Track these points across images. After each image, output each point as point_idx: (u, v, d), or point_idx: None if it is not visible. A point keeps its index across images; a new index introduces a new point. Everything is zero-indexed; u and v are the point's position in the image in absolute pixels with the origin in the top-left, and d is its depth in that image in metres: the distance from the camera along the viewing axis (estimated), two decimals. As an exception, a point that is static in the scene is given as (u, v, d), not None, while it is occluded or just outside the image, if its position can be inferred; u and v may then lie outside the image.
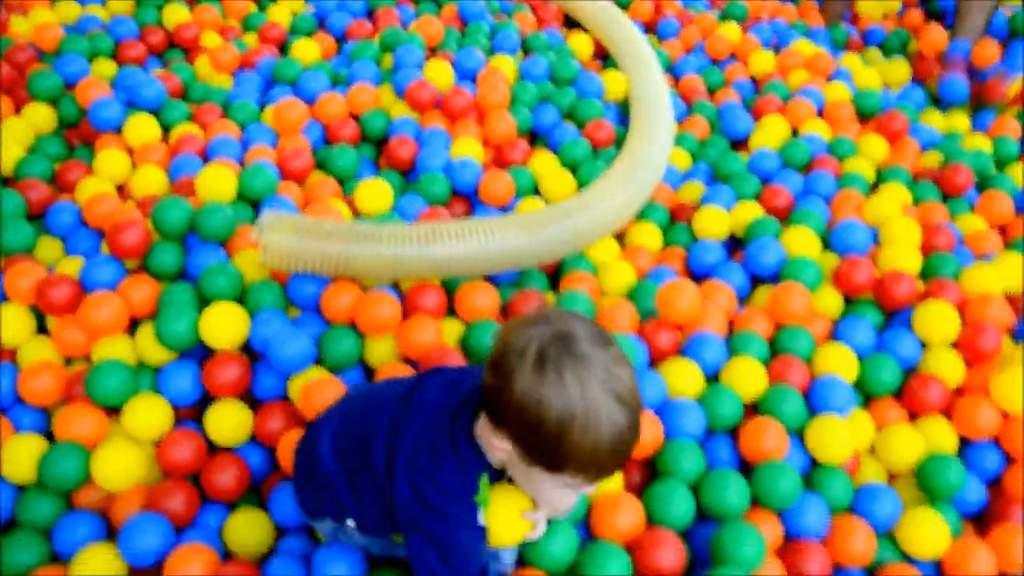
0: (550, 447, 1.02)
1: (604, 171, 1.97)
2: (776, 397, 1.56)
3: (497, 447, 1.10)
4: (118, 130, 2.05)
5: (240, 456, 1.51)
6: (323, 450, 1.26)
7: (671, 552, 1.34)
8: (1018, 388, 1.56)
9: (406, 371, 1.55)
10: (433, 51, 2.43)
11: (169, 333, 1.55)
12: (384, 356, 1.62)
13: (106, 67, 2.26)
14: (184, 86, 2.23)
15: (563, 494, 1.13)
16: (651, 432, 1.49)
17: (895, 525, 1.48)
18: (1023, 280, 1.80)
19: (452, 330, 1.66)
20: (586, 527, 1.41)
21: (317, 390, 1.49)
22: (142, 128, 2.02)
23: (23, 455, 1.45)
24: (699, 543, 1.43)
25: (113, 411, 1.53)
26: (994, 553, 1.43)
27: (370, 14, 2.63)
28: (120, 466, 1.43)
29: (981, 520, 1.56)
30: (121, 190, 1.95)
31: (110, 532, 1.45)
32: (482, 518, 1.17)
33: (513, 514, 1.22)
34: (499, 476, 1.21)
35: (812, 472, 1.53)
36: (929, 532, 1.45)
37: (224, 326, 1.56)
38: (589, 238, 1.81)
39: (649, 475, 1.53)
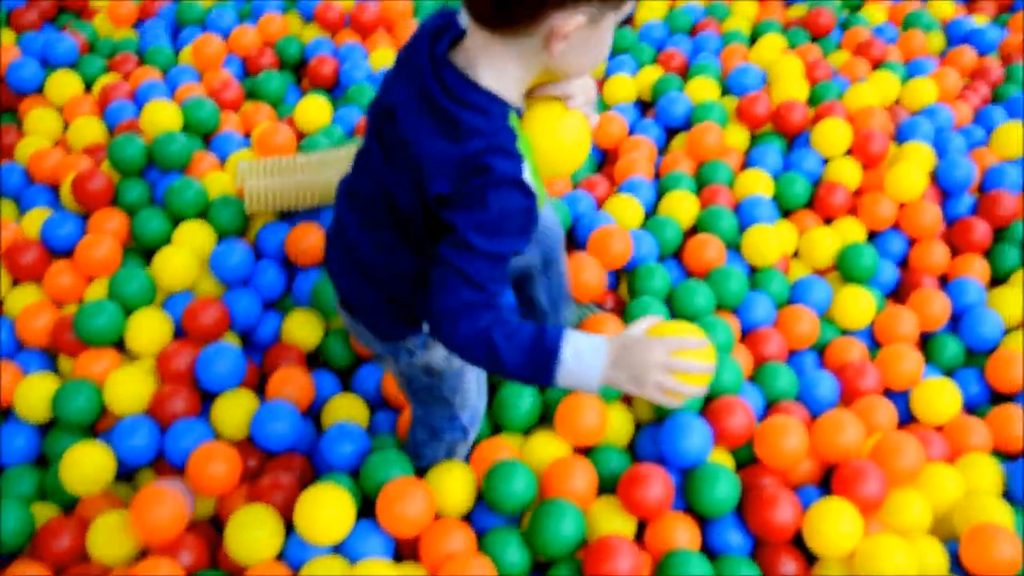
0: None
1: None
2: (711, 217, 1.77)
3: (558, 37, 0.94)
4: (39, 90, 2.07)
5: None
6: (365, 251, 1.14)
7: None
8: (909, 179, 1.81)
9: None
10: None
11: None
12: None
13: (6, 35, 2.25)
14: (90, 44, 2.24)
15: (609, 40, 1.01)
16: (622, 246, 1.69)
17: (829, 308, 1.71)
18: (897, 93, 2.07)
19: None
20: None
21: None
22: (65, 84, 2.04)
23: (36, 395, 1.51)
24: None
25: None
26: (915, 313, 1.68)
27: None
28: (130, 389, 1.50)
29: (897, 296, 1.81)
30: (57, 147, 1.97)
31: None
32: (528, 174, 0.98)
33: (555, 120, 1.08)
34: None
35: (752, 277, 1.75)
36: (858, 306, 1.69)
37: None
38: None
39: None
